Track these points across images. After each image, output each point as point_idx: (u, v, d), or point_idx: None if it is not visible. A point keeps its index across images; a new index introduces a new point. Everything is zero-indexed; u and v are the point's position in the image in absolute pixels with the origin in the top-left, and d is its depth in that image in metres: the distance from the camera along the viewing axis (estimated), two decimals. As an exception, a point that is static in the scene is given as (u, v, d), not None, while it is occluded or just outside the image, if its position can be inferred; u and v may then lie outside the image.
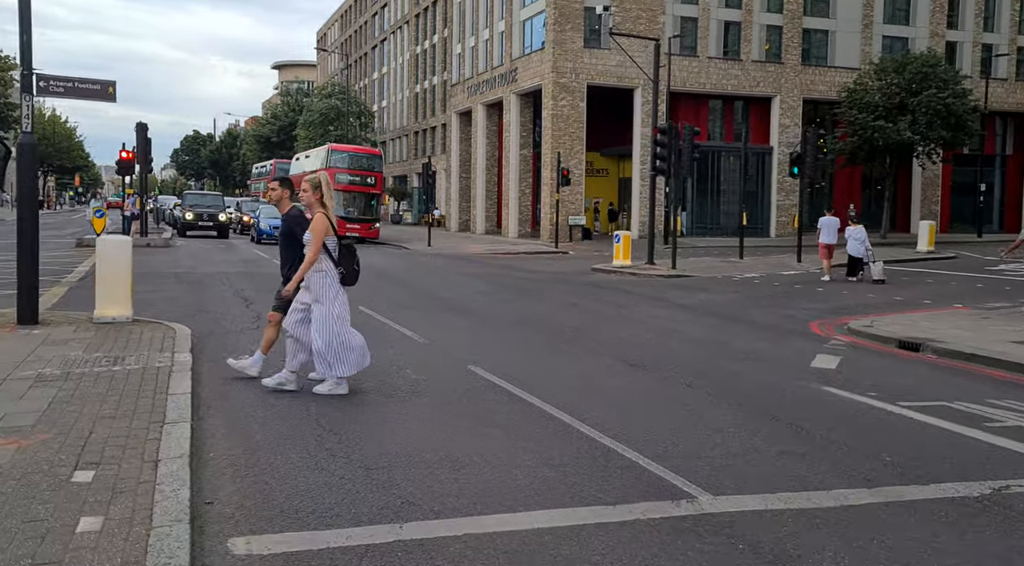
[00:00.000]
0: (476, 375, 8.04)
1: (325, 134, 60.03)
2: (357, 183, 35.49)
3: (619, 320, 12.88)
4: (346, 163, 35.86)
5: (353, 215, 34.76)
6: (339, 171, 34.23)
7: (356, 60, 80.00)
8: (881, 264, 19.52)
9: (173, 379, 6.72)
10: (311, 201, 7.25)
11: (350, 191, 35.02)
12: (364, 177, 35.82)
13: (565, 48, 35.75)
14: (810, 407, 7.13)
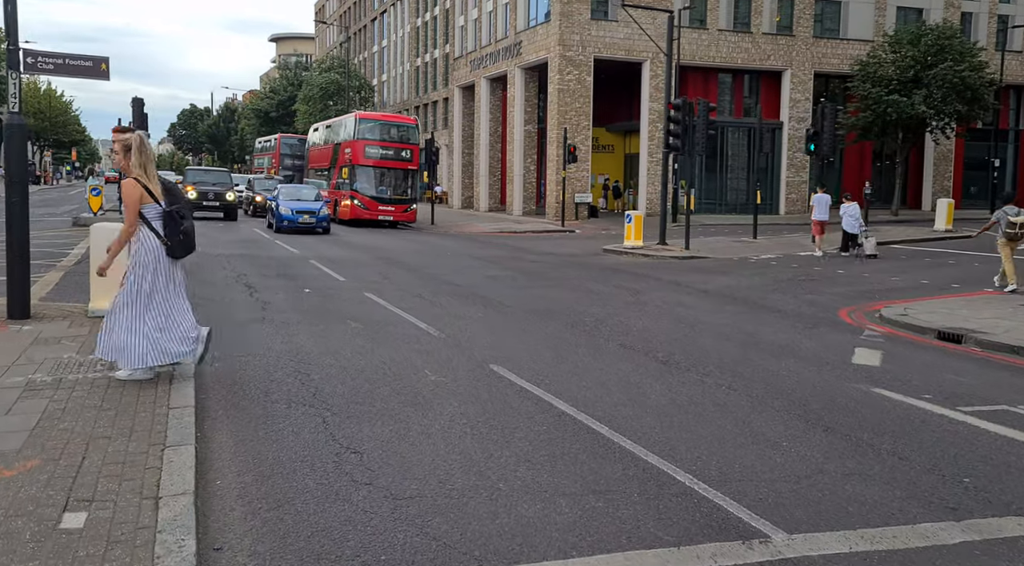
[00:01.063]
0: (500, 377, 7.49)
1: (325, 109, 59.02)
2: (390, 157, 31.14)
3: (640, 308, 12.31)
4: (377, 134, 31.51)
5: (386, 195, 30.88)
6: (369, 143, 30.95)
7: (356, 33, 78.59)
8: (874, 240, 20.17)
9: (174, 387, 6.16)
10: (124, 166, 6.35)
11: (382, 167, 30.97)
12: (398, 151, 31.35)
13: (572, 20, 34.79)
14: (864, 414, 6.58)
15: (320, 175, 36.11)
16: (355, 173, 30.70)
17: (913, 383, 7.71)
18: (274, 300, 11.75)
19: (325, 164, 35.46)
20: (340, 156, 32.62)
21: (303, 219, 25.46)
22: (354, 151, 30.97)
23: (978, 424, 6.35)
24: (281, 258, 18.19)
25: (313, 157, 38.56)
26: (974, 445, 5.85)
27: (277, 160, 48.31)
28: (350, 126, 32.17)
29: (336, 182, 32.67)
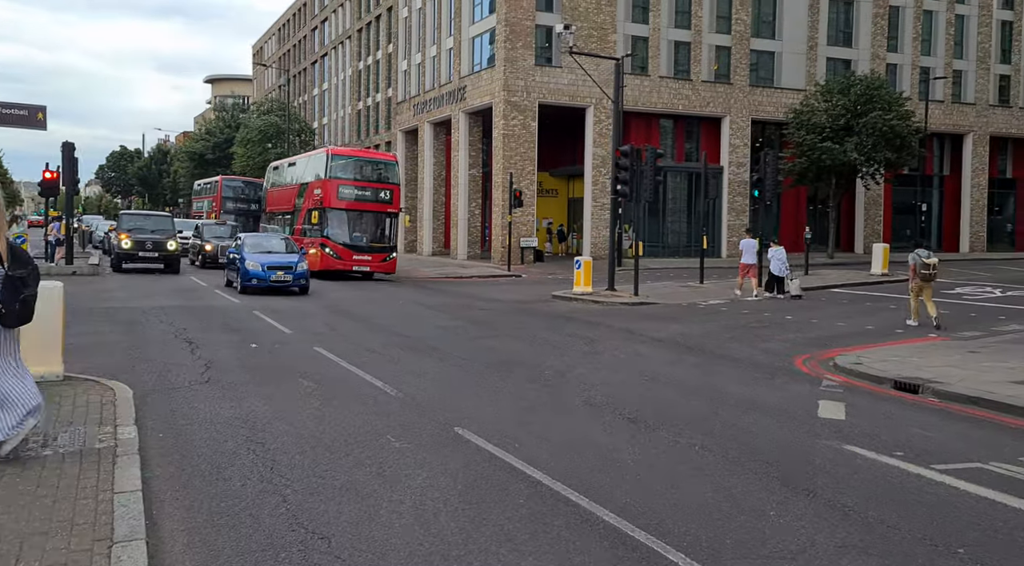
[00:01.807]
0: (466, 441, 7.15)
1: (264, 152, 58.15)
2: (367, 199, 27.42)
3: (598, 359, 12.13)
4: (351, 173, 27.93)
5: (362, 242, 27.06)
6: (343, 183, 27.23)
7: (295, 75, 78.15)
8: (799, 281, 21.58)
9: (119, 467, 5.64)
10: None
11: (357, 210, 27.25)
12: (376, 191, 27.65)
13: (517, 66, 35.18)
14: (841, 475, 6.45)
15: (280, 220, 32.30)
16: (326, 217, 26.88)
17: (882, 438, 7.65)
18: (218, 358, 11.18)
19: (287, 207, 31.54)
20: (307, 197, 28.94)
21: (276, 276, 20.37)
22: (325, 192, 27.31)
23: (956, 484, 6.28)
24: (223, 309, 17.52)
25: (273, 199, 34.52)
26: (958, 509, 5.75)
27: (218, 204, 45.50)
28: (320, 163, 28.50)
29: (302, 228, 28.98)
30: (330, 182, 27.25)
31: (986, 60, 44.79)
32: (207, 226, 32.63)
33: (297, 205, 30.09)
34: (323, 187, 27.49)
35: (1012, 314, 17.87)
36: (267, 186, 35.72)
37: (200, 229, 32.50)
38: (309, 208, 28.39)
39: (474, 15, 39.70)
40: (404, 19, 49.59)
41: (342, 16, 66.13)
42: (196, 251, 31.50)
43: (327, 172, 27.56)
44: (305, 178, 29.75)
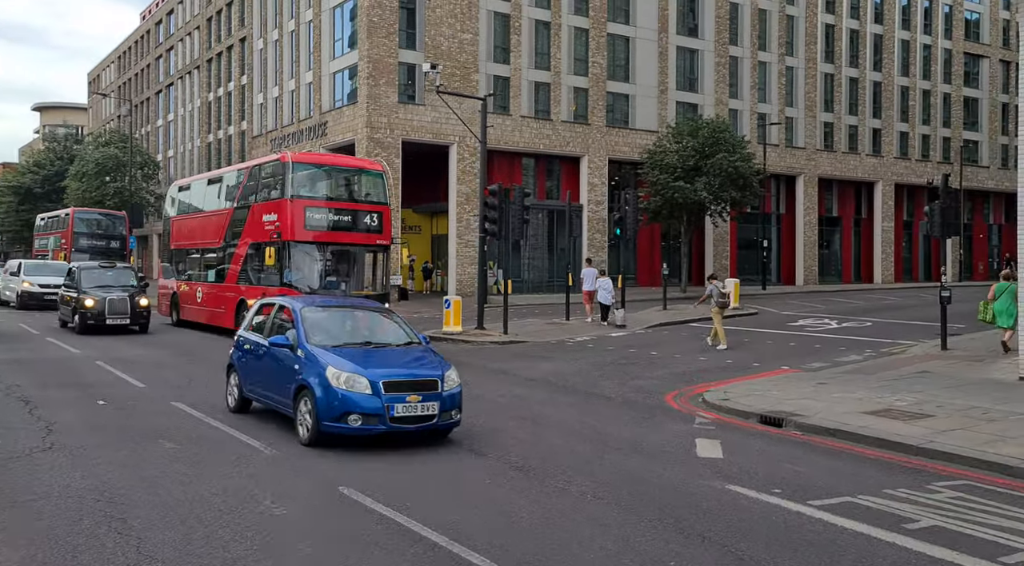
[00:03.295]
0: (353, 502, 6.77)
1: (102, 186, 54.40)
2: (347, 226, 19.20)
3: (476, 403, 11.92)
4: (323, 189, 19.78)
5: (341, 290, 18.85)
6: (313, 204, 18.94)
7: (138, 105, 74.01)
8: (623, 311, 23.76)
9: (-47, 563, 4.88)
10: None
11: (334, 243, 19.18)
12: (359, 216, 19.37)
13: (380, 103, 34.91)
14: (730, 518, 6.60)
15: (195, 261, 23.46)
16: (288, 256, 18.26)
17: (759, 476, 7.92)
18: (61, 419, 10.11)
19: (212, 241, 22.21)
20: (251, 227, 20.08)
21: (408, 411, 8.61)
22: (285, 218, 18.49)
23: (834, 521, 6.55)
24: (60, 361, 16.00)
25: (181, 231, 24.72)
26: (841, 547, 5.99)
27: (69, 240, 38.13)
28: (275, 176, 19.49)
29: (240, 271, 20.48)
30: (294, 204, 18.40)
31: (813, 109, 48.93)
32: (85, 270, 22.18)
33: (228, 239, 21.39)
34: (282, 211, 18.63)
35: (850, 345, 19.28)
36: (169, 213, 25.90)
37: (76, 275, 21.88)
38: (257, 243, 19.69)
39: (335, 50, 39.18)
40: (259, 51, 48.23)
41: (190, 45, 63.48)
42: (73, 306, 21.20)
43: (287, 188, 18.59)
44: (249, 199, 20.73)
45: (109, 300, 20.65)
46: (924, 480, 7.84)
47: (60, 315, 22.63)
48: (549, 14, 39.85)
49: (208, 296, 22.28)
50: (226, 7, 55.86)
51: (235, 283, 20.63)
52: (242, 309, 19.01)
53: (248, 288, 19.77)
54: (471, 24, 37.34)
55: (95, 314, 20.46)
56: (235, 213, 21.29)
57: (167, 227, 25.93)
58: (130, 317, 20.89)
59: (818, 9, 49.09)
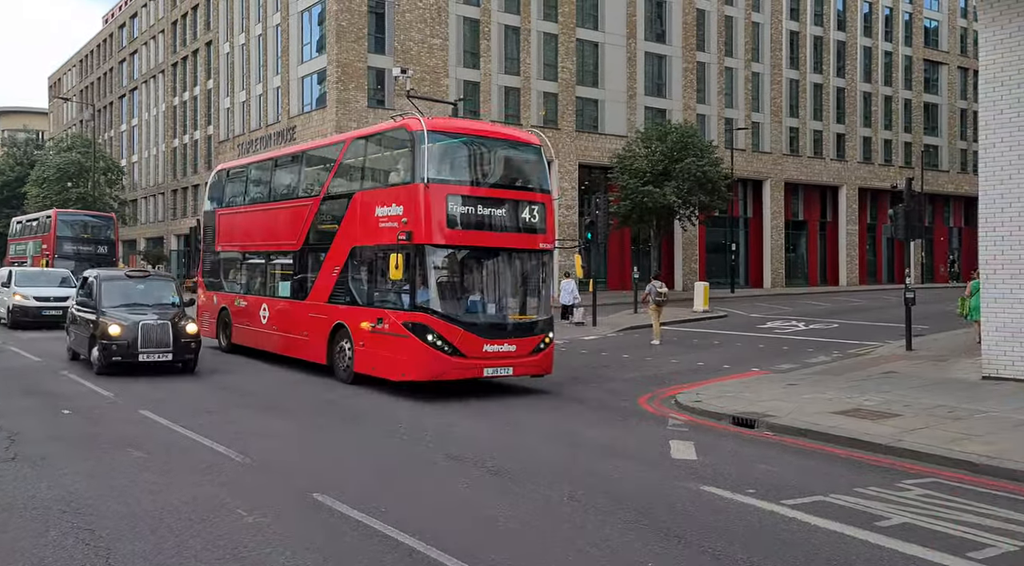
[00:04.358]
0: (328, 509, 6.69)
1: (63, 191, 53.37)
2: (499, 223, 13.01)
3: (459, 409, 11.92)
4: (467, 169, 13.57)
5: (501, 316, 13.12)
6: (456, 191, 12.71)
7: (100, 109, 72.81)
8: (583, 310, 25.48)
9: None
10: None
11: (484, 248, 13.02)
12: (516, 209, 13.20)
13: (349, 107, 34.75)
14: (707, 519, 6.63)
15: (255, 269, 17.75)
16: (424, 267, 12.37)
17: (733, 477, 7.98)
18: (24, 428, 9.86)
19: (285, 242, 16.15)
20: (356, 224, 13.93)
21: None
22: (416, 210, 12.42)
23: (807, 520, 6.62)
24: (21, 370, 15.63)
25: (236, 228, 18.52)
26: (815, 546, 6.05)
27: (51, 245, 34.46)
28: (399, 150, 13.57)
29: (341, 284, 14.17)
30: (430, 191, 12.27)
31: (779, 114, 49.65)
32: (107, 282, 15.51)
33: (313, 240, 15.23)
34: (411, 201, 12.50)
35: (818, 346, 19.54)
36: (211, 206, 19.86)
37: (95, 289, 15.27)
38: (362, 246, 13.71)
39: (303, 54, 38.93)
40: (226, 55, 47.74)
41: (154, 48, 62.66)
42: (88, 335, 14.80)
43: (419, 168, 12.34)
44: (340, 185, 14.77)
45: (143, 326, 13.98)
46: (894, 478, 7.96)
47: (70, 344, 16.32)
48: (518, 19, 39.99)
49: (280, 317, 16.00)
50: (191, 11, 55.24)
51: (326, 301, 14.31)
52: (340, 338, 13.82)
53: (352, 309, 13.58)
54: (440, 29, 37.34)
55: (123, 347, 13.88)
56: (324, 205, 14.94)
57: (209, 223, 19.66)
58: (172, 351, 14.21)
59: (783, 16, 49.85)
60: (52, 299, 23.64)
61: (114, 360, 14.08)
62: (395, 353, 12.45)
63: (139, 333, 14.02)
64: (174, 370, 14.61)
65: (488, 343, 12.47)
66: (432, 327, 12.11)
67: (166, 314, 14.64)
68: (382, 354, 12.76)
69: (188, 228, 31.74)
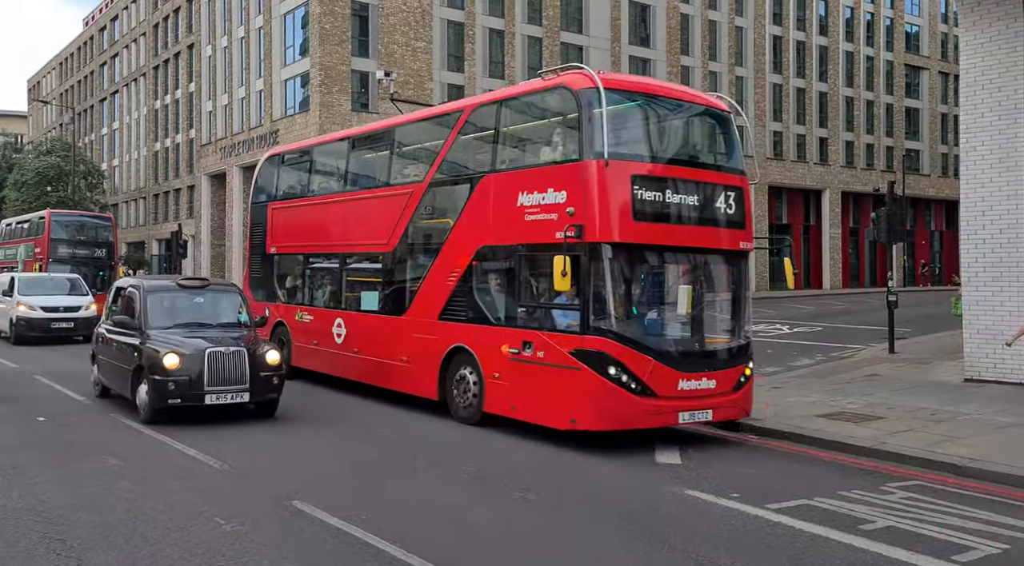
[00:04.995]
0: (307, 516, 6.57)
1: (42, 196, 52.82)
2: (694, 214, 9.57)
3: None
4: (653, 144, 10.35)
5: (696, 343, 9.92)
6: (644, 170, 9.42)
7: (80, 113, 72.13)
8: None
9: None
10: None
11: (677, 250, 9.63)
12: (712, 196, 9.70)
13: (333, 111, 34.59)
14: (692, 524, 6.57)
15: (324, 275, 14.54)
16: (602, 271, 9.00)
17: (718, 481, 7.92)
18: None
19: (371, 241, 12.81)
20: (486, 216, 10.46)
21: None
22: (590, 196, 8.95)
23: (792, 524, 6.57)
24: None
25: (297, 225, 15.11)
26: (799, 550, 6.00)
27: (45, 249, 31.33)
28: (557, 117, 10.06)
29: (461, 295, 10.79)
30: (611, 170, 8.95)
31: (762, 118, 49.95)
32: (154, 295, 11.48)
33: (413, 239, 12.03)
34: (583, 184, 9.06)
35: (801, 349, 19.58)
36: (261, 198, 16.37)
37: (138, 303, 11.28)
38: (494, 246, 10.43)
39: (286, 57, 38.75)
40: (208, 58, 47.43)
41: (135, 51, 62.18)
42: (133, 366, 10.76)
43: (594, 139, 9.01)
44: (457, 167, 11.48)
45: (211, 356, 10.23)
46: (877, 481, 7.94)
47: (99, 375, 12.46)
48: (503, 23, 39.99)
49: (365, 336, 12.64)
50: (173, 13, 54.88)
51: (437, 318, 11.04)
52: (459, 365, 10.61)
53: (478, 329, 10.36)
54: (425, 32, 37.28)
55: (183, 384, 10.07)
56: (430, 193, 11.59)
57: (258, 220, 16.15)
58: (250, 389, 10.41)
59: (766, 21, 50.17)
60: (62, 309, 20.81)
61: (171, 403, 10.09)
62: (556, 391, 9.12)
63: (205, 365, 10.11)
64: (245, 412, 10.77)
65: (684, 377, 9.17)
66: (614, 357, 8.80)
67: (236, 338, 10.79)
68: (532, 391, 9.44)
69: (169, 233, 31.36)
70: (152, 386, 10.16)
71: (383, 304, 12.49)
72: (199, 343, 10.48)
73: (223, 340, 10.62)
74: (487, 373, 10.12)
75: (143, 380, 10.39)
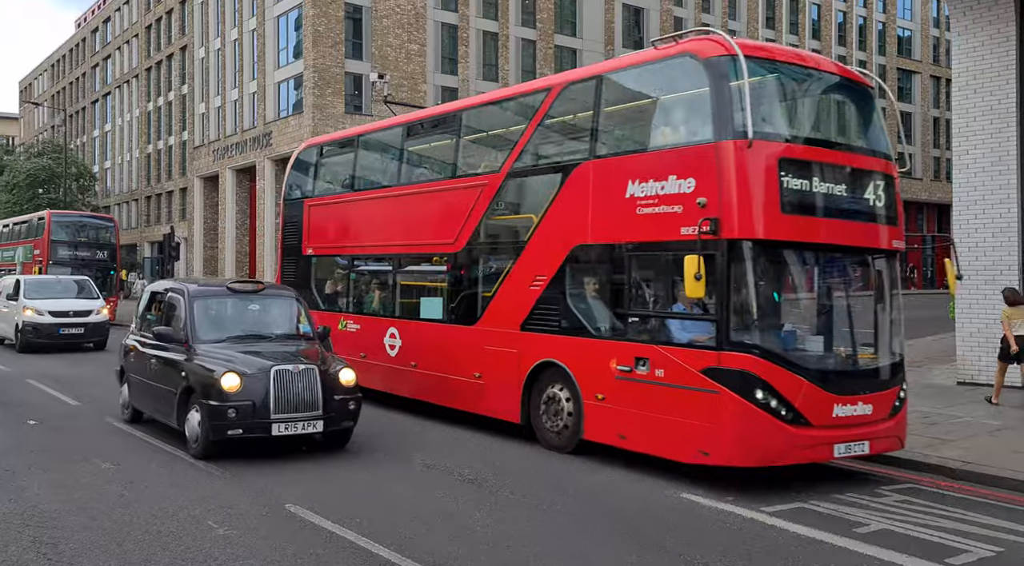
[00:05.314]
0: (301, 520, 6.54)
1: (34, 198, 52.58)
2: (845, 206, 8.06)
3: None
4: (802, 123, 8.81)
5: (852, 361, 8.43)
6: (793, 153, 7.83)
7: (72, 115, 71.87)
8: None
9: None
10: None
11: (832, 246, 8.21)
12: (862, 185, 8.25)
13: (326, 113, 34.54)
14: (686, 527, 6.57)
15: (371, 280, 13.02)
16: (744, 274, 7.54)
17: (712, 484, 7.89)
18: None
19: (432, 240, 11.35)
20: (583, 210, 8.87)
21: None
22: (727, 185, 7.49)
23: (786, 527, 6.57)
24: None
25: (339, 224, 13.57)
26: (793, 553, 6.00)
27: (45, 250, 30.16)
28: (678, 90, 8.69)
29: (550, 302, 9.26)
30: (751, 153, 7.46)
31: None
32: (201, 300, 9.56)
33: (486, 236, 10.60)
34: (718, 171, 7.57)
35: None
36: (294, 194, 14.67)
37: (183, 309, 9.40)
38: (610, 246, 8.64)
39: (279, 59, 38.69)
40: (201, 60, 47.32)
41: (128, 53, 62.01)
42: (177, 388, 8.90)
43: (727, 116, 7.59)
44: (536, 152, 9.95)
45: (277, 375, 8.45)
46: (872, 484, 7.95)
47: (129, 398, 10.56)
48: (497, 25, 40.03)
49: (425, 348, 11.16)
50: (166, 15, 54.76)
51: (519, 327, 9.59)
52: (547, 383, 9.19)
53: (573, 341, 8.93)
54: (419, 34, 37.28)
55: (245, 411, 8.32)
56: (509, 185, 10.13)
57: (293, 218, 14.34)
58: (323, 416, 8.60)
59: (759, 24, 50.37)
60: (72, 314, 19.60)
61: (231, 434, 8.26)
62: (680, 417, 7.73)
63: (271, 387, 8.28)
64: (311, 443, 9.02)
65: (839, 402, 7.69)
66: (762, 377, 7.35)
67: (298, 353, 8.95)
68: (648, 416, 8.00)
69: (162, 235, 31.19)
70: (207, 413, 8.25)
71: (448, 312, 10.83)
72: (259, 361, 8.54)
73: (286, 356, 8.75)
74: (586, 393, 8.60)
75: (193, 405, 8.52)
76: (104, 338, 19.82)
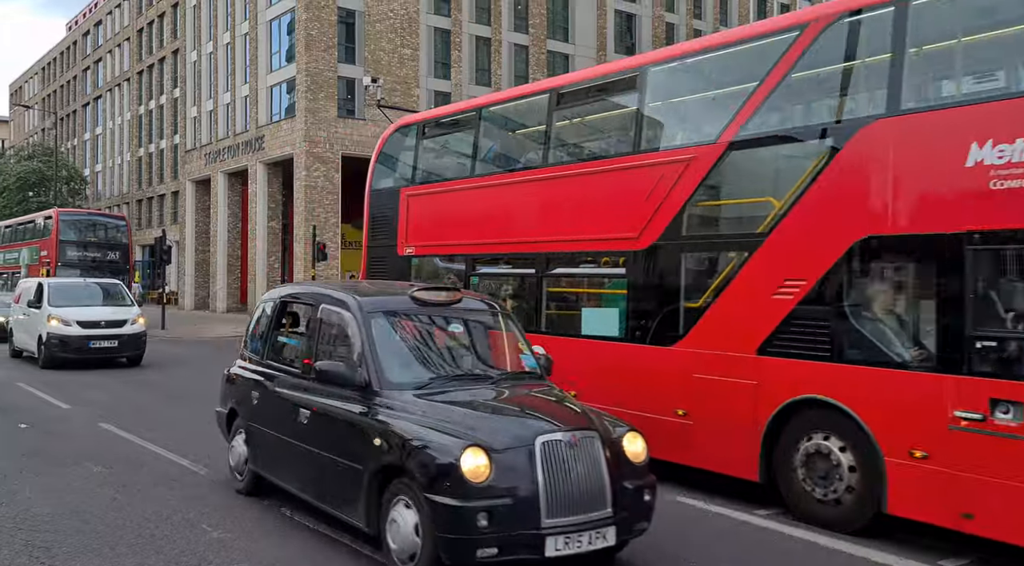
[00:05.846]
0: (294, 521, 6.51)
1: (23, 201, 52.35)
2: None
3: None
4: None
5: None
6: None
7: (63, 118, 71.56)
8: None
9: None
10: None
11: None
12: None
13: (318, 117, 34.50)
14: (681, 530, 6.57)
15: (499, 285, 10.43)
16: None
17: (705, 486, 7.88)
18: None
19: (614, 235, 8.37)
20: (895, 189, 6.22)
21: None
22: None
23: (779, 529, 6.59)
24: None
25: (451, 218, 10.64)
26: (786, 553, 6.03)
27: (53, 251, 28.56)
28: None
29: (843, 315, 6.49)
30: None
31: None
32: (379, 319, 6.02)
33: (690, 229, 7.87)
34: None
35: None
36: (387, 184, 12.11)
37: (358, 329, 5.88)
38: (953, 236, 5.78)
39: (271, 63, 38.64)
40: (193, 63, 47.22)
41: (119, 56, 61.84)
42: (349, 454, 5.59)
43: None
44: (787, 113, 7.39)
45: (546, 449, 4.93)
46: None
47: (246, 457, 7.15)
48: (489, 30, 40.11)
49: (593, 372, 8.44)
50: (158, 19, 54.67)
51: (754, 351, 7.09)
52: (810, 429, 6.71)
53: (863, 372, 6.32)
54: (411, 39, 37.32)
55: (503, 516, 4.71)
56: (727, 159, 7.51)
57: (385, 210, 11.83)
58: (613, 519, 5.02)
59: (750, 31, 50.59)
60: (103, 324, 16.97)
61: (482, 556, 4.74)
62: None
63: (538, 472, 4.89)
64: None
65: None
66: None
67: (557, 410, 5.57)
68: (1016, 487, 5.49)
69: (153, 238, 31.03)
70: (440, 519, 4.82)
71: (629, 328, 8.29)
72: (510, 424, 5.24)
73: (538, 414, 5.42)
74: (890, 448, 6.10)
75: (400, 499, 5.14)
76: (141, 352, 17.41)
